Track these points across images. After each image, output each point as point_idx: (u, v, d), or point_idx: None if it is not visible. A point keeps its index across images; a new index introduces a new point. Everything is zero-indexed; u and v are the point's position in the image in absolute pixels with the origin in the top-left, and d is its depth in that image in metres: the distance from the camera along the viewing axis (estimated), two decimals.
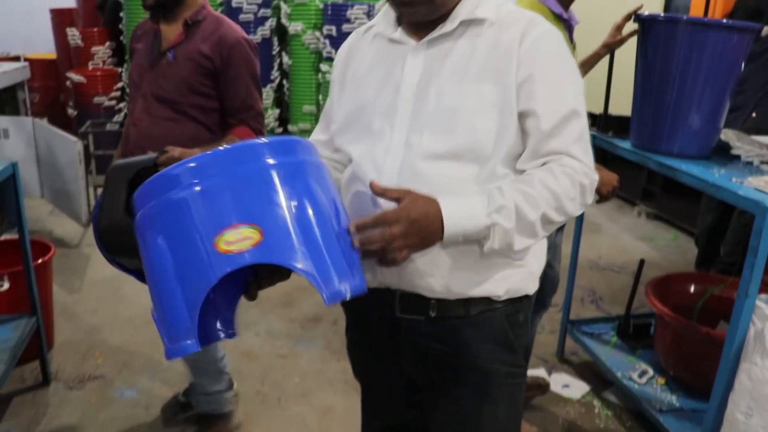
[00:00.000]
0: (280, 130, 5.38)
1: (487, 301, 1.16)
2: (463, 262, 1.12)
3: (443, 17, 1.14)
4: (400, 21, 1.20)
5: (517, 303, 1.19)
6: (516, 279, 1.17)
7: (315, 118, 5.15)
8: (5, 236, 2.38)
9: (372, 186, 1.00)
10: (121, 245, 1.64)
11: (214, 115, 1.96)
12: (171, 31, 1.96)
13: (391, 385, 1.30)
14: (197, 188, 0.92)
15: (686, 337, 2.27)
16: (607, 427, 2.44)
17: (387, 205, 1.02)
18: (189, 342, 0.94)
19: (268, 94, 5.21)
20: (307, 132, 5.17)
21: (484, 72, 1.08)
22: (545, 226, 1.06)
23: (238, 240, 0.88)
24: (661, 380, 2.41)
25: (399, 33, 1.18)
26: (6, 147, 4.25)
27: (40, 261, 2.64)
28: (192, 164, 0.94)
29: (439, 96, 1.09)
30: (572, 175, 1.06)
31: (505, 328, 1.18)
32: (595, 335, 2.73)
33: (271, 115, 5.29)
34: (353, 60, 1.25)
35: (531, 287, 1.21)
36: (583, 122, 1.10)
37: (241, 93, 1.93)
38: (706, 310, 2.52)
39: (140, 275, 1.85)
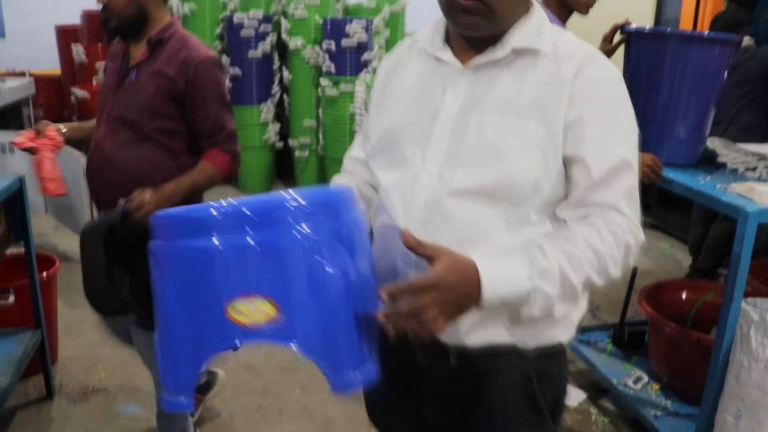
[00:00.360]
0: (281, 144, 5.45)
1: (513, 351, 1.06)
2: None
3: (495, 39, 1.04)
4: (448, 38, 1.10)
5: (548, 354, 1.08)
6: (549, 326, 1.06)
7: (314, 132, 5.21)
8: (11, 251, 2.41)
9: (405, 237, 0.89)
10: (112, 309, 1.74)
11: (178, 138, 1.88)
12: (137, 50, 1.89)
13: (411, 428, 1.21)
14: (221, 244, 0.84)
15: (679, 344, 2.30)
16: None
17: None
18: (183, 400, 0.89)
19: (269, 109, 5.28)
20: (307, 146, 5.23)
21: (530, 108, 0.99)
22: (585, 290, 0.98)
23: (252, 312, 0.82)
24: (656, 386, 2.43)
25: (446, 52, 1.08)
26: (11, 162, 4.33)
27: (45, 274, 2.69)
28: (219, 212, 0.85)
29: (479, 129, 1.00)
30: (618, 233, 0.98)
31: (533, 386, 1.08)
32: (590, 343, 2.75)
33: (272, 130, 5.35)
34: (395, 74, 1.16)
35: (565, 335, 1.09)
36: (635, 176, 1.01)
37: (210, 115, 1.85)
38: (700, 317, 2.55)
39: (140, 324, 1.90)
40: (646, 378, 2.47)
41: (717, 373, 1.88)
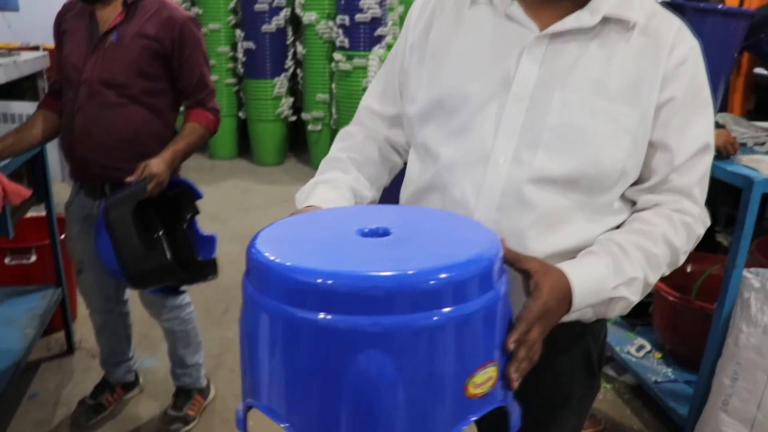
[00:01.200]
0: (294, 117, 5.49)
1: (575, 325, 0.99)
2: None
3: (581, 1, 0.90)
4: None
5: (602, 321, 1.05)
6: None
7: (328, 106, 5.25)
8: (31, 213, 2.48)
9: (506, 252, 0.77)
10: (153, 275, 1.81)
11: (162, 97, 1.91)
12: (108, 13, 1.85)
13: None
14: (452, 315, 0.66)
15: (682, 312, 2.34)
16: (605, 398, 2.49)
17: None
18: None
19: (282, 83, 5.31)
20: (320, 120, 5.28)
21: (621, 90, 0.89)
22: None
23: (484, 381, 0.71)
24: (658, 355, 2.47)
25: (516, 8, 0.93)
26: None
27: (63, 236, 2.75)
28: (441, 279, 0.65)
29: (563, 108, 0.89)
30: (690, 225, 0.94)
31: (590, 350, 1.05)
32: None
33: (285, 104, 5.40)
34: (437, 23, 0.99)
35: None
36: (711, 157, 0.96)
37: (196, 73, 1.90)
38: (705, 289, 2.58)
39: (169, 290, 2.05)
40: (648, 346, 2.51)
41: (717, 338, 1.93)
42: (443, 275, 0.64)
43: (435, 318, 0.64)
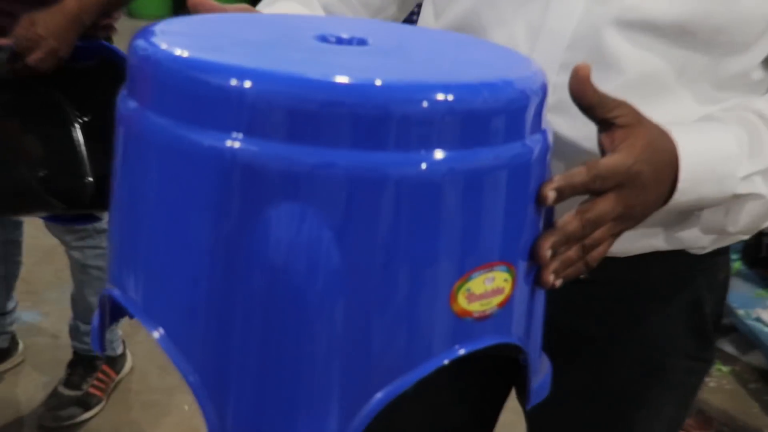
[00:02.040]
0: None
1: (681, 256, 0.83)
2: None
3: None
4: None
5: (721, 253, 0.88)
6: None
7: None
8: None
9: (579, 78, 0.59)
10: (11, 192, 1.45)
11: None
12: None
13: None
14: (446, 165, 0.50)
15: None
16: (721, 386, 1.96)
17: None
18: None
19: None
20: None
21: None
22: None
23: (487, 294, 0.53)
24: None
25: None
26: None
27: None
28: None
29: None
30: None
31: (702, 302, 0.88)
32: None
33: None
34: None
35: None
36: None
37: None
38: None
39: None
40: None
41: None
42: (440, 96, 0.47)
43: (420, 165, 0.46)
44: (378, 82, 0.46)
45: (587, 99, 0.58)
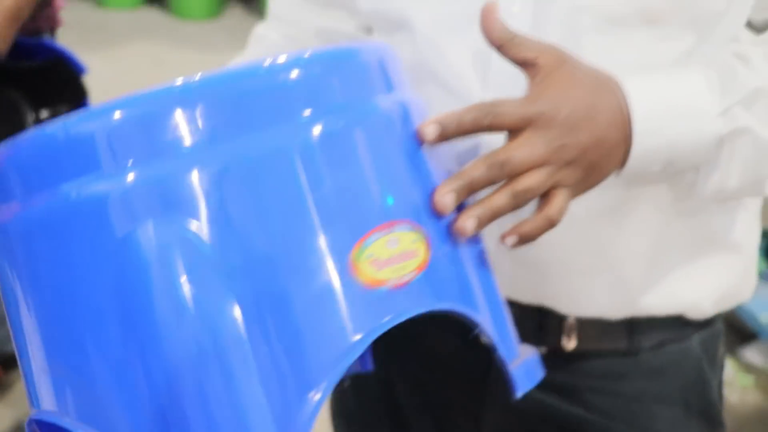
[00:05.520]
0: None
1: (677, 322, 0.79)
2: (639, 237, 0.74)
3: None
4: None
5: (716, 323, 0.84)
6: (736, 271, 0.80)
7: None
8: None
9: (488, 20, 0.58)
10: None
11: None
12: None
13: None
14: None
15: None
16: (744, 401, 1.88)
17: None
18: None
19: None
20: None
21: None
22: None
23: (395, 259, 0.52)
24: None
25: None
26: None
27: None
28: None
29: None
30: None
31: (703, 376, 0.82)
32: None
33: None
34: None
35: (747, 288, 0.84)
36: None
37: None
38: None
39: None
40: None
41: None
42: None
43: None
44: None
45: (495, 35, 0.58)
